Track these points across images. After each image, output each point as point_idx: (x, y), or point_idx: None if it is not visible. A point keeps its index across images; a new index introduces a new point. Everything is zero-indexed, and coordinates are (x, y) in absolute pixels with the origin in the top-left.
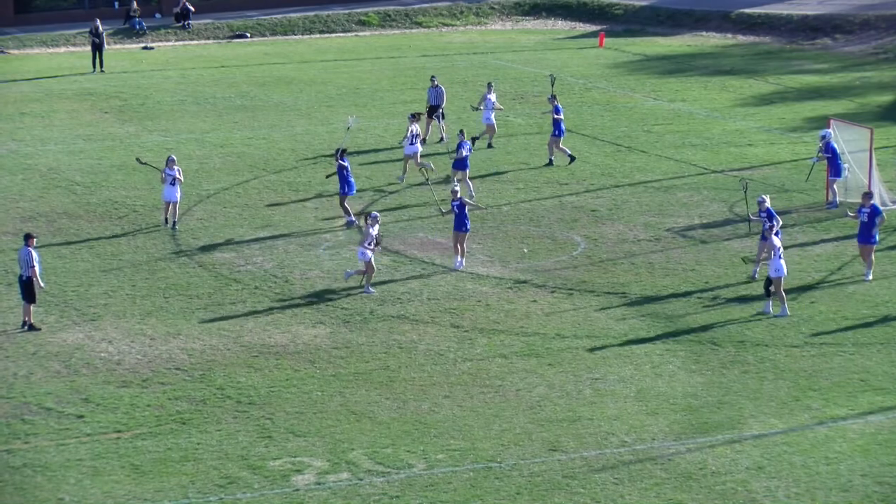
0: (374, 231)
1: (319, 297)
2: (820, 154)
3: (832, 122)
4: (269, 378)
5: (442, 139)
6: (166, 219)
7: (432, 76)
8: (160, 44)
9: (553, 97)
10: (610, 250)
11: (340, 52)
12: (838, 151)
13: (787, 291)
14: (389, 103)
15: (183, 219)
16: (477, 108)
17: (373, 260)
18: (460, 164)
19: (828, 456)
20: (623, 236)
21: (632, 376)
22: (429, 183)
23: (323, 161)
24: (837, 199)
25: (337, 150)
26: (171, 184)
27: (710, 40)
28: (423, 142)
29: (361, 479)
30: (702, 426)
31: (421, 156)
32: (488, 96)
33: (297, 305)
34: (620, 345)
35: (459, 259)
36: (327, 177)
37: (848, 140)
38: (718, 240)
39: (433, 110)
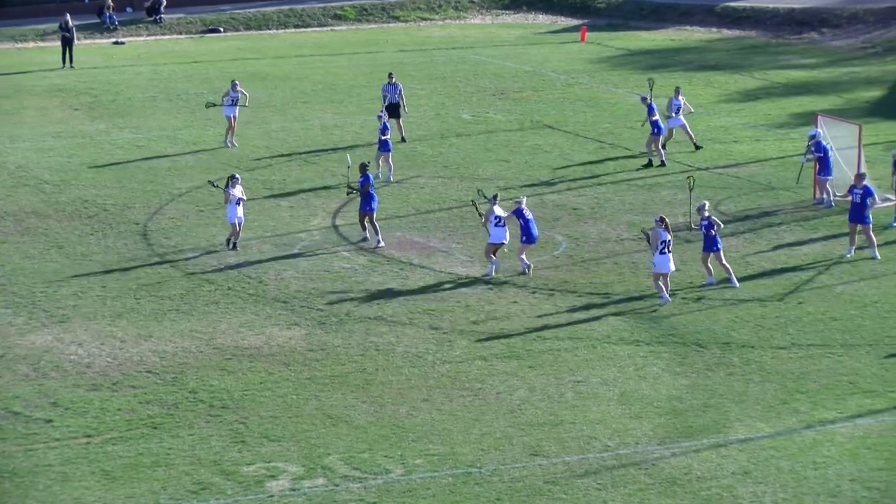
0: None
1: (294, 299)
2: (810, 155)
3: (819, 117)
4: (242, 381)
5: (403, 139)
6: (229, 240)
7: (390, 73)
8: (131, 39)
9: (645, 97)
10: (592, 250)
11: (316, 46)
12: (828, 150)
13: (777, 287)
14: (366, 99)
15: (154, 218)
16: (669, 116)
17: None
18: (385, 145)
19: (816, 460)
20: (606, 235)
21: (615, 379)
22: (691, 189)
23: (297, 158)
24: (832, 199)
25: (361, 165)
26: (235, 203)
27: (694, 34)
28: (405, 140)
29: (337, 485)
30: (686, 430)
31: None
32: (675, 101)
33: (272, 307)
34: (603, 346)
35: (711, 278)
36: (349, 193)
37: (836, 137)
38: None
39: (394, 109)
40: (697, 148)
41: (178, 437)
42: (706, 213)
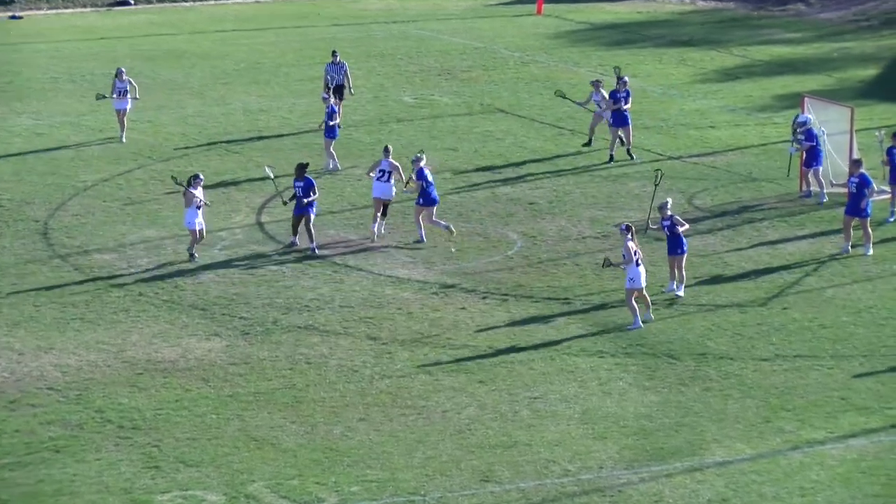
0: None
1: (214, 306)
2: (799, 145)
3: (806, 99)
4: (155, 399)
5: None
6: (191, 252)
7: (333, 51)
8: (30, 12)
9: (624, 78)
10: (550, 249)
11: (239, 21)
12: (819, 138)
13: (754, 290)
14: (295, 80)
15: (56, 214)
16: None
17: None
18: (331, 132)
19: (803, 486)
20: (566, 233)
21: (576, 395)
22: (657, 185)
23: (218, 147)
24: (825, 192)
25: (299, 165)
26: (196, 207)
27: (665, 6)
28: (339, 126)
29: None
30: (657, 452)
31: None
32: (595, 95)
33: (189, 315)
34: (563, 358)
35: (674, 283)
36: (285, 203)
37: (825, 121)
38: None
39: (339, 90)
40: (587, 144)
41: (83, 461)
42: (668, 212)
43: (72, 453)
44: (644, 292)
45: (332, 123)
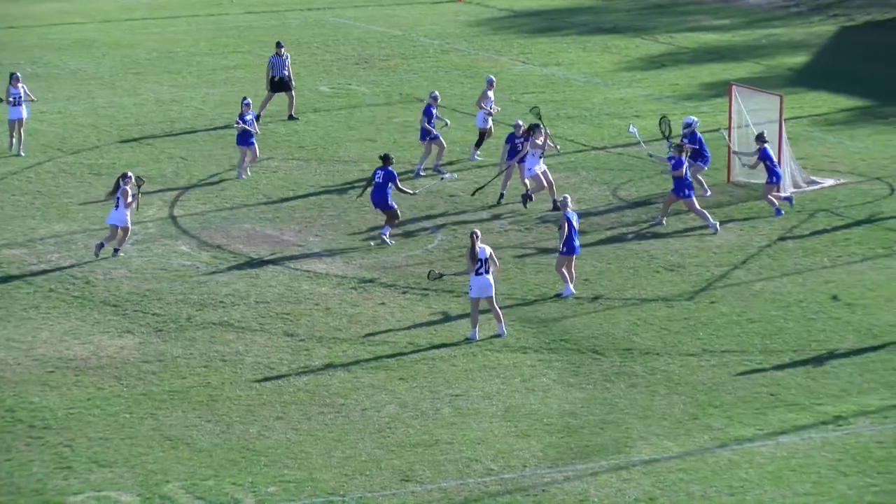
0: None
1: (127, 302)
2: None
3: (734, 87)
4: (67, 398)
5: (291, 116)
6: (102, 243)
7: (278, 42)
8: None
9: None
10: None
11: (150, 8)
12: (703, 140)
13: (683, 281)
14: (209, 69)
15: None
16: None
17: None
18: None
19: (732, 485)
20: (487, 226)
21: (499, 392)
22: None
23: (128, 138)
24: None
25: (384, 156)
26: (117, 207)
27: None
28: (258, 118)
29: None
30: (582, 450)
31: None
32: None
33: (100, 311)
34: (485, 355)
35: (569, 287)
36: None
37: (753, 110)
38: (600, 229)
39: (280, 84)
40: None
41: None
42: (569, 209)
43: None
44: (494, 303)
45: (255, 133)
